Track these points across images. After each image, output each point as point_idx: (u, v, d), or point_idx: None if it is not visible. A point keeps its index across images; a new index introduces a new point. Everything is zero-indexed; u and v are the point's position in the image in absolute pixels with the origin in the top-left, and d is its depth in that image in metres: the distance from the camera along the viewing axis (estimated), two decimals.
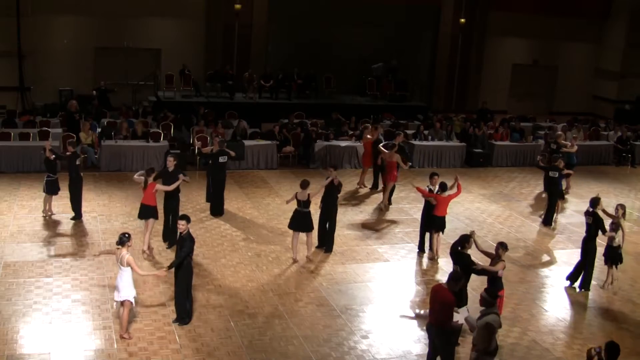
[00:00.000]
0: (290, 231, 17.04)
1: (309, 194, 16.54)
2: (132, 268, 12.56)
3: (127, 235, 12.59)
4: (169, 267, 13.11)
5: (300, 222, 16.75)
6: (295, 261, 16.88)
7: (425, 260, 17.66)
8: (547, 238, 20.04)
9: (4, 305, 13.62)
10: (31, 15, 31.18)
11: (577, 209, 22.49)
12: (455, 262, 13.19)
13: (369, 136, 24.00)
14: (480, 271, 13.13)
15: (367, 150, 24.05)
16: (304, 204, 16.59)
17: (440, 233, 17.48)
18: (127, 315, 12.71)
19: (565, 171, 21.34)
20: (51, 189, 18.90)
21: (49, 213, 19.06)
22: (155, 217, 16.67)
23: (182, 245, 12.97)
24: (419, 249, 18.07)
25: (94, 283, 14.90)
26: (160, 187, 16.54)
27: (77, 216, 18.97)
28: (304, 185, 16.56)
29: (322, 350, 12.75)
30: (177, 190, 17.18)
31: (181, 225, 13.09)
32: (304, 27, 35.24)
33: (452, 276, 11.63)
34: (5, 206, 19.73)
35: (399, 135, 23.30)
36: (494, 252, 13.54)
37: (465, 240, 13.20)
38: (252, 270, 16.20)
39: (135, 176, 17.02)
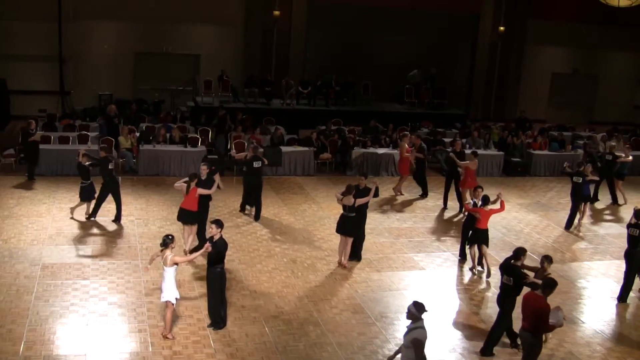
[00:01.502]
0: (330, 237, 17.02)
1: (355, 200, 16.49)
2: (179, 263, 12.87)
3: (170, 236, 12.70)
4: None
5: (344, 226, 16.73)
6: (340, 265, 16.92)
7: (461, 269, 17.51)
8: (585, 249, 19.81)
9: (41, 306, 13.76)
10: (72, 20, 31.59)
11: (617, 220, 22.23)
12: (506, 274, 13.00)
13: (407, 145, 23.88)
14: (531, 284, 12.98)
15: (404, 158, 23.93)
16: (349, 209, 16.55)
17: (484, 246, 17.03)
18: (169, 316, 12.83)
19: (590, 177, 21.15)
20: (85, 196, 19.16)
21: (87, 216, 19.31)
22: (196, 221, 16.80)
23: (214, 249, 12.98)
24: (460, 256, 17.96)
25: (130, 286, 14.99)
26: (201, 191, 16.62)
27: (117, 218, 19.26)
28: (350, 190, 16.51)
29: (356, 358, 12.71)
30: (208, 197, 17.25)
31: (211, 229, 13.05)
32: (343, 34, 35.35)
33: (545, 283, 11.84)
34: (44, 209, 19.96)
35: (457, 142, 23.28)
36: (538, 265, 13.49)
37: (521, 253, 13.04)
38: (287, 276, 16.20)
39: (177, 184, 17.03)
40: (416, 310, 10.28)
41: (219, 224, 13.09)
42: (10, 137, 26.74)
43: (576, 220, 21.35)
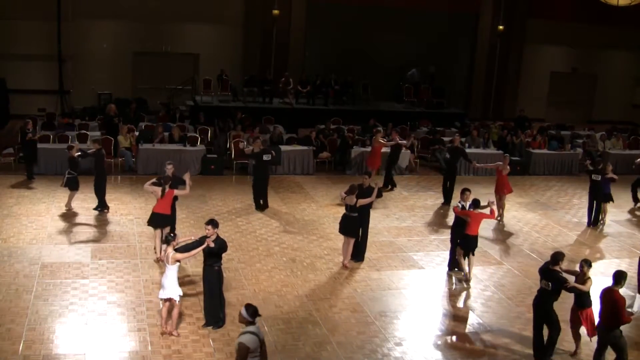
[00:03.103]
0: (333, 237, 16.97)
1: (357, 200, 16.45)
2: (181, 260, 12.85)
3: (172, 234, 12.74)
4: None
5: (345, 226, 16.70)
6: (345, 267, 16.87)
7: (451, 278, 17.37)
8: (584, 248, 19.80)
9: (40, 306, 13.75)
10: (71, 20, 31.58)
11: (615, 219, 22.22)
12: (546, 279, 12.75)
13: (381, 140, 23.99)
14: (572, 289, 12.83)
15: (376, 153, 24.12)
16: (351, 209, 16.51)
17: (471, 254, 16.48)
18: (177, 313, 12.90)
19: (609, 175, 21.12)
20: (74, 185, 19.63)
21: (68, 208, 19.77)
22: (169, 224, 16.61)
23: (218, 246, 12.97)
24: (449, 268, 17.18)
25: (129, 285, 14.99)
26: (178, 192, 16.43)
27: (100, 206, 19.85)
28: (352, 190, 16.47)
29: (356, 357, 12.70)
30: (176, 197, 16.93)
31: (207, 229, 12.97)
32: (342, 34, 35.33)
33: (619, 275, 12.01)
34: (43, 208, 19.95)
35: (456, 138, 23.30)
36: (576, 270, 13.31)
37: (559, 258, 12.76)
38: (286, 275, 16.19)
39: (147, 186, 16.59)
40: (247, 314, 9.81)
41: (214, 224, 13.03)
42: (10, 137, 26.74)
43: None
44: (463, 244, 16.42)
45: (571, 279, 13.07)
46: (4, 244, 16.92)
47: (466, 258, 16.52)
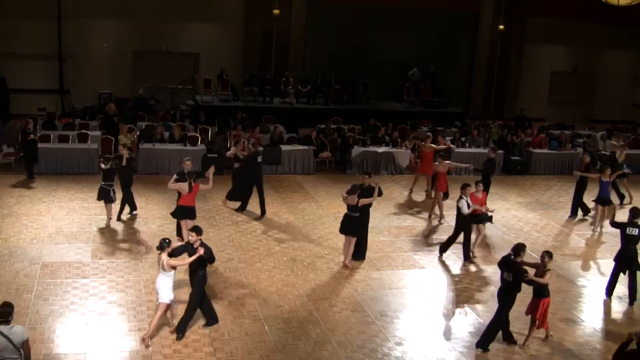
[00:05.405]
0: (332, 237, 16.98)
1: (358, 200, 16.46)
2: (176, 267, 12.65)
3: (167, 240, 12.63)
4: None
5: (346, 225, 16.72)
6: (345, 266, 16.88)
7: (460, 267, 17.51)
8: (584, 247, 19.81)
9: (41, 305, 13.76)
10: (72, 19, 31.55)
11: (615, 218, 22.19)
12: (507, 271, 12.96)
13: (432, 145, 23.57)
14: (529, 281, 12.94)
15: (429, 159, 23.37)
16: (353, 209, 16.52)
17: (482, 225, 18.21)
18: (158, 319, 12.67)
19: (606, 179, 21.16)
20: (111, 198, 18.82)
21: (110, 217, 19.11)
22: (194, 216, 16.89)
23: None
24: (440, 253, 18.26)
25: (129, 285, 14.99)
26: (203, 186, 16.76)
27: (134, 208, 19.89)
28: (354, 190, 16.47)
29: (356, 357, 12.70)
30: None
31: (191, 236, 12.84)
32: (342, 33, 35.31)
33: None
34: (44, 207, 19.95)
35: (492, 150, 23.18)
36: (538, 261, 13.42)
37: (520, 249, 12.96)
38: (287, 275, 16.19)
39: (171, 184, 16.76)
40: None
41: (199, 231, 12.92)
42: (10, 136, 26.69)
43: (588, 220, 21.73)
44: (476, 221, 17.90)
45: (532, 271, 13.28)
46: (5, 243, 16.93)
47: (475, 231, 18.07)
